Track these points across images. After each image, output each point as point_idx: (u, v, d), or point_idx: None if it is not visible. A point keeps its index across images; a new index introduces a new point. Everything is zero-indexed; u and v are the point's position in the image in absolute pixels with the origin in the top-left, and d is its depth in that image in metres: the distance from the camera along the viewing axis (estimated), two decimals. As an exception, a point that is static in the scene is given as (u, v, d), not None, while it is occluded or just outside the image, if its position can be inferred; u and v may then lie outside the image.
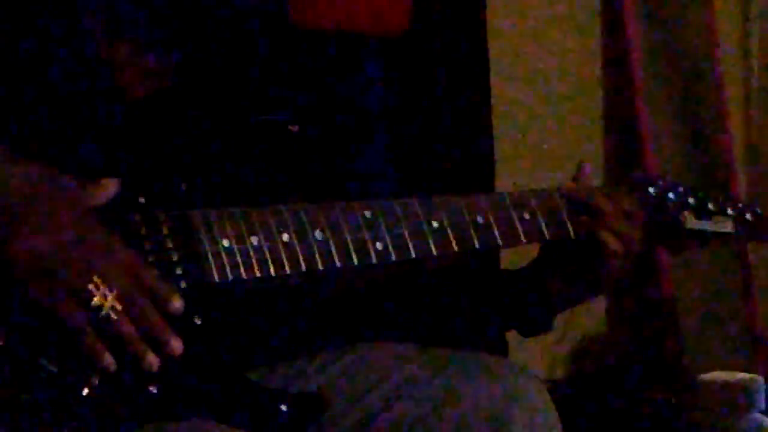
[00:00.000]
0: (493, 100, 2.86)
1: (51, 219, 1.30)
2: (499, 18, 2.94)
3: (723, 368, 2.51)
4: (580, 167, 1.65)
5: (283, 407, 1.38)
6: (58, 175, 1.33)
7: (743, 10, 3.44)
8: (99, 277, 1.28)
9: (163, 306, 1.31)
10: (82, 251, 1.29)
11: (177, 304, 1.32)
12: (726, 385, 2.40)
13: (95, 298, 1.28)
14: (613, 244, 1.57)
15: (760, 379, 2.45)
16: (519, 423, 1.44)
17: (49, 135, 1.40)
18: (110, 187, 1.37)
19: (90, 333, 1.28)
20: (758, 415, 2.42)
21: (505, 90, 2.96)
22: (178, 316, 1.33)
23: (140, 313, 1.30)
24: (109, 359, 1.29)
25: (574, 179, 1.64)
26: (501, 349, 2.54)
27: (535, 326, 1.64)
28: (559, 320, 1.66)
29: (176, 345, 1.31)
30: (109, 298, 1.29)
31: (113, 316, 1.28)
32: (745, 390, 2.40)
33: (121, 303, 1.29)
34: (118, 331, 1.29)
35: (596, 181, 1.68)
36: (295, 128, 1.51)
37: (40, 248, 1.28)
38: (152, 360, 1.30)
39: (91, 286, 1.28)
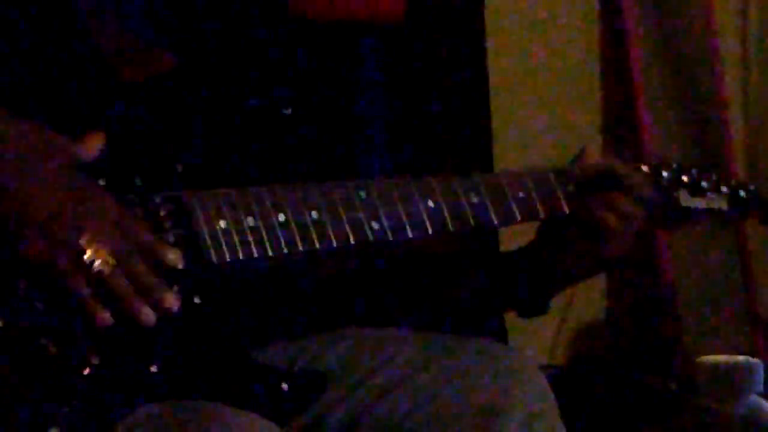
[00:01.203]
0: (491, 94, 2.87)
1: (42, 174, 1.30)
2: (497, 11, 2.95)
3: (722, 352, 2.51)
4: (584, 150, 1.65)
5: (285, 386, 1.39)
6: (48, 132, 1.34)
7: (742, 5, 3.44)
8: (91, 232, 1.29)
9: (158, 261, 1.32)
10: (74, 206, 1.30)
11: (172, 255, 1.33)
12: (724, 368, 2.41)
13: (87, 252, 1.28)
14: (613, 222, 1.57)
15: (759, 362, 2.45)
16: (516, 409, 1.45)
17: (44, 118, 1.40)
18: (96, 141, 1.37)
19: (84, 288, 1.29)
20: (757, 398, 2.43)
21: (502, 82, 2.96)
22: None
23: (133, 269, 1.31)
24: (105, 313, 1.29)
25: (573, 162, 1.64)
26: (500, 335, 2.55)
27: (533, 307, 1.65)
28: (558, 306, 1.66)
29: (171, 300, 1.32)
30: (102, 252, 1.29)
31: (106, 270, 1.29)
32: (744, 373, 2.40)
33: (113, 258, 1.29)
34: (111, 287, 1.29)
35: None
36: (288, 111, 1.52)
37: (32, 202, 1.28)
38: (148, 314, 1.31)
39: (82, 241, 1.28)
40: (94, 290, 1.29)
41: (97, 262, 1.29)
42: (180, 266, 1.34)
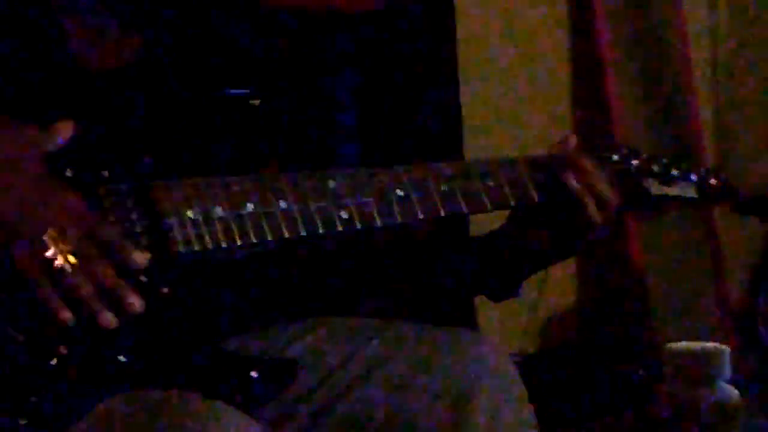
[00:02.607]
0: (460, 76, 2.87)
1: (7, 169, 1.29)
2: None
3: (691, 339, 2.52)
4: (565, 138, 1.65)
5: (254, 374, 1.39)
6: (14, 122, 1.33)
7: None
8: (55, 230, 1.27)
9: (123, 262, 1.31)
10: (39, 202, 1.28)
11: (138, 258, 1.32)
12: (692, 355, 2.41)
13: (50, 251, 1.27)
14: (591, 206, 1.57)
15: (726, 348, 2.46)
16: (485, 396, 1.45)
17: (11, 109, 1.40)
18: (64, 129, 1.36)
19: (45, 285, 1.27)
20: (724, 384, 2.44)
21: (472, 71, 2.96)
22: (145, 283, 1.33)
23: (95, 269, 1.29)
24: (66, 313, 1.28)
25: (549, 151, 1.64)
26: (470, 324, 2.55)
27: (504, 290, 1.64)
28: (529, 294, 1.66)
29: (135, 302, 1.30)
30: (64, 250, 1.27)
31: (67, 268, 1.27)
32: (711, 359, 2.41)
33: (75, 257, 1.28)
34: (72, 286, 1.28)
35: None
36: (257, 102, 1.51)
37: None
38: (108, 317, 1.29)
39: (45, 237, 1.27)
40: (56, 288, 1.27)
41: (58, 261, 1.27)
42: (141, 267, 1.32)
